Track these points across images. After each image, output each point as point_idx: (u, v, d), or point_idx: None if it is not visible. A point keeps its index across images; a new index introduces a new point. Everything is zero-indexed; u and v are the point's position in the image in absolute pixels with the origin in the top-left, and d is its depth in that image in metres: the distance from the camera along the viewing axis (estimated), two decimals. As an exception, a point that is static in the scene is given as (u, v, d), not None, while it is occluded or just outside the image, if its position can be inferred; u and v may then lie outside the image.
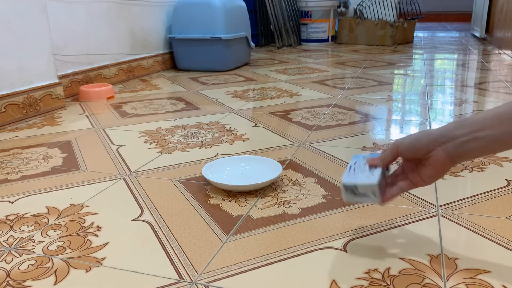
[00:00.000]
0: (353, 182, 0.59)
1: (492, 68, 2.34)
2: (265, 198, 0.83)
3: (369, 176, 0.60)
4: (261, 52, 3.28)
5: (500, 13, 3.20)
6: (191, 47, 2.36)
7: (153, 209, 0.79)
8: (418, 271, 0.60)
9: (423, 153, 0.54)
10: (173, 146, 1.14)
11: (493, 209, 0.77)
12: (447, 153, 0.52)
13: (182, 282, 0.59)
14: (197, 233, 0.71)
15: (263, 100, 1.67)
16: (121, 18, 2.09)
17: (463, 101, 1.60)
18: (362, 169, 0.62)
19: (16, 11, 1.37)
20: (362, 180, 0.59)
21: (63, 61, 1.74)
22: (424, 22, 6.41)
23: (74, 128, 1.34)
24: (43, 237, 0.71)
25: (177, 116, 1.45)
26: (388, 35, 3.53)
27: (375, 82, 1.99)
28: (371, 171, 0.61)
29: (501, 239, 0.67)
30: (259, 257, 0.64)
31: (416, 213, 0.76)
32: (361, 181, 0.59)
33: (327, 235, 0.69)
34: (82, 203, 0.83)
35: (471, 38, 4.10)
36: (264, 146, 1.13)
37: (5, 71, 1.36)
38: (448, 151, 0.52)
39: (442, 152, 0.52)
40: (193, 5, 2.32)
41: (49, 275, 0.61)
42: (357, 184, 0.59)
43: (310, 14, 3.69)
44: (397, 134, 1.24)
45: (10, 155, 1.11)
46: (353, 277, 0.59)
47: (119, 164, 1.03)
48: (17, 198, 0.86)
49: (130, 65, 2.17)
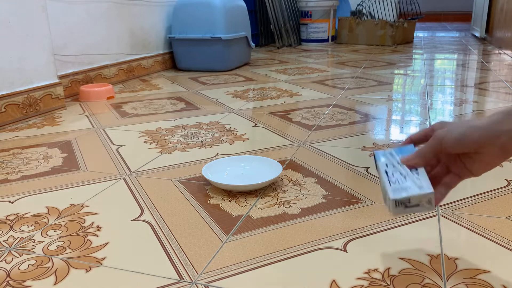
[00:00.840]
0: (405, 196, 0.50)
1: (492, 68, 2.34)
2: (265, 198, 0.83)
3: (418, 182, 0.51)
4: (261, 52, 3.28)
5: (500, 13, 3.20)
6: (191, 47, 2.36)
7: (153, 209, 0.80)
8: (418, 271, 0.60)
9: (472, 149, 0.49)
10: (173, 146, 1.14)
11: (493, 209, 0.77)
12: (501, 149, 0.47)
13: (182, 282, 0.59)
14: (197, 233, 0.71)
15: (263, 100, 1.67)
16: (121, 18, 2.09)
17: (463, 101, 1.60)
18: (403, 174, 0.52)
19: (16, 11, 1.37)
20: (415, 191, 0.50)
21: (63, 61, 1.74)
22: (424, 22, 6.41)
23: (74, 128, 1.34)
24: (43, 237, 0.71)
25: (177, 116, 1.45)
26: (388, 35, 3.53)
27: (375, 82, 1.99)
28: (414, 174, 0.52)
29: (501, 239, 0.67)
30: (259, 257, 0.64)
31: (416, 213, 0.76)
32: (414, 192, 0.50)
33: (327, 235, 0.69)
34: (82, 203, 0.83)
35: (471, 38, 4.10)
36: (264, 146, 1.13)
37: (5, 71, 1.36)
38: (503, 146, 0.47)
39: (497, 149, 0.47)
40: (193, 5, 2.32)
41: (49, 275, 0.61)
42: (410, 196, 0.50)
43: (310, 14, 3.69)
44: (397, 134, 1.24)
45: (10, 155, 1.11)
46: (353, 277, 0.59)
47: (119, 164, 1.03)
48: (17, 198, 0.86)
49: (130, 65, 2.17)
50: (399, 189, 0.50)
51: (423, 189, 0.50)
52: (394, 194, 0.50)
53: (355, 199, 0.82)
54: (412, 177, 0.51)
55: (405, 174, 0.52)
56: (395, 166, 0.53)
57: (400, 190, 0.50)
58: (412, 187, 0.50)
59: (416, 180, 0.51)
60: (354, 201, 0.81)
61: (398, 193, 0.50)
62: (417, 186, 0.50)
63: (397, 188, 0.51)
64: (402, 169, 0.53)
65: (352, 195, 0.83)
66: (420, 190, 0.50)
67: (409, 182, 0.51)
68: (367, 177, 0.92)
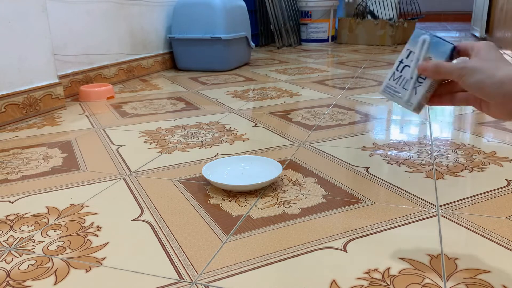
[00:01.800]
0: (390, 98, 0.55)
1: (492, 68, 2.33)
2: (265, 198, 0.83)
3: (409, 94, 0.53)
4: (261, 52, 3.28)
5: (500, 13, 3.20)
6: (191, 47, 2.36)
7: (153, 209, 0.80)
8: (418, 271, 0.60)
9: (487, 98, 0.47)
10: (173, 146, 1.14)
11: (493, 209, 0.77)
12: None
13: (182, 282, 0.59)
14: (197, 233, 0.71)
15: (263, 100, 1.67)
16: (121, 18, 2.09)
17: (463, 101, 1.59)
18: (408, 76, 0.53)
19: (16, 11, 1.37)
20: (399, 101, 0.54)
21: (63, 61, 1.74)
22: (424, 22, 6.41)
23: (74, 128, 1.34)
24: (43, 237, 0.71)
25: (177, 116, 1.45)
26: (388, 35, 3.53)
27: (375, 82, 1.99)
28: (417, 82, 0.52)
29: (501, 239, 0.67)
30: (259, 257, 0.64)
31: (416, 213, 0.76)
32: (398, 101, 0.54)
33: (327, 235, 0.69)
34: (82, 203, 0.83)
35: (471, 38, 4.10)
36: (264, 146, 1.13)
37: (5, 71, 1.36)
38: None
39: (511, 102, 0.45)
40: (193, 5, 2.32)
41: (49, 275, 0.61)
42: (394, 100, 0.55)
43: (310, 14, 3.69)
44: (397, 134, 1.24)
45: (10, 155, 1.11)
46: (353, 277, 0.59)
47: (119, 164, 1.03)
48: (17, 198, 0.86)
49: (130, 65, 2.17)
50: (391, 89, 0.55)
51: (408, 104, 0.53)
52: (384, 90, 0.56)
53: (355, 199, 0.82)
54: (410, 85, 0.53)
55: (410, 77, 0.53)
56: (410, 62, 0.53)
57: (391, 91, 0.55)
58: (401, 95, 0.54)
59: (411, 91, 0.53)
60: (354, 201, 0.81)
61: (387, 92, 0.55)
62: (406, 98, 0.53)
63: (390, 86, 0.55)
64: (412, 70, 0.53)
65: (352, 195, 0.83)
66: (404, 104, 0.54)
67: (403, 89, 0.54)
68: (367, 177, 0.92)
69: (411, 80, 0.53)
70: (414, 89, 0.53)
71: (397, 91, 0.54)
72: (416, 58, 0.52)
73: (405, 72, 0.53)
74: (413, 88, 0.53)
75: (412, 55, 0.53)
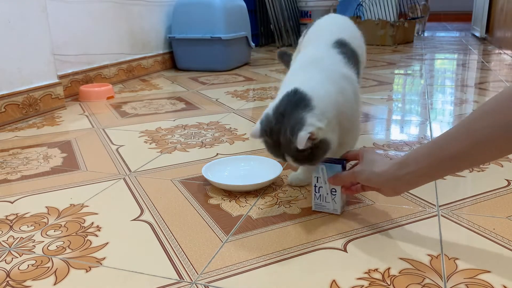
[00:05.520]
0: (321, 210, 0.77)
1: (492, 68, 2.34)
2: (265, 198, 0.83)
3: (332, 204, 0.75)
4: (261, 52, 3.28)
5: (500, 13, 3.20)
6: (191, 47, 2.36)
7: (153, 209, 0.79)
8: (418, 271, 0.59)
9: (376, 187, 0.68)
10: (173, 146, 1.14)
11: (493, 209, 0.77)
12: (395, 191, 0.67)
13: (182, 282, 0.59)
14: (197, 233, 0.71)
15: (263, 100, 1.67)
16: (121, 18, 2.09)
17: (463, 101, 1.60)
18: (325, 191, 0.75)
19: (16, 11, 1.37)
20: (329, 210, 0.76)
21: (63, 61, 1.74)
22: (424, 22, 6.40)
23: (74, 128, 1.34)
24: (43, 237, 0.71)
25: (177, 116, 1.45)
26: (388, 35, 3.53)
27: (375, 82, 1.99)
28: (332, 193, 0.74)
29: (501, 239, 0.67)
30: (259, 257, 0.64)
31: (416, 213, 0.76)
32: (328, 210, 0.76)
33: (327, 235, 0.69)
34: (82, 203, 0.83)
35: (471, 38, 4.10)
36: (264, 146, 1.13)
37: (5, 71, 1.36)
38: (395, 189, 0.66)
39: (391, 191, 0.67)
40: (193, 5, 2.32)
41: (49, 275, 0.61)
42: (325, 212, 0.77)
43: (310, 14, 3.69)
44: (397, 134, 1.23)
45: (10, 155, 1.11)
46: (353, 277, 0.59)
47: (119, 164, 1.03)
48: (17, 198, 0.86)
49: (130, 65, 2.17)
50: (319, 205, 0.76)
51: (334, 210, 0.76)
52: (315, 208, 0.77)
53: (355, 199, 0.82)
54: (330, 198, 0.75)
55: (326, 193, 0.75)
56: (321, 184, 0.74)
57: (320, 206, 0.77)
58: (327, 207, 0.76)
59: (332, 202, 0.75)
60: (354, 201, 0.81)
61: (318, 208, 0.77)
62: (332, 207, 0.75)
63: (317, 204, 0.77)
64: (325, 188, 0.74)
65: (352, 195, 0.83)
66: (333, 211, 0.76)
67: (326, 202, 0.76)
68: (367, 177, 0.92)
69: (328, 195, 0.75)
70: (333, 199, 0.75)
71: (323, 205, 0.76)
72: (323, 180, 0.74)
73: (322, 191, 0.75)
74: (332, 199, 0.75)
75: (320, 179, 0.74)
